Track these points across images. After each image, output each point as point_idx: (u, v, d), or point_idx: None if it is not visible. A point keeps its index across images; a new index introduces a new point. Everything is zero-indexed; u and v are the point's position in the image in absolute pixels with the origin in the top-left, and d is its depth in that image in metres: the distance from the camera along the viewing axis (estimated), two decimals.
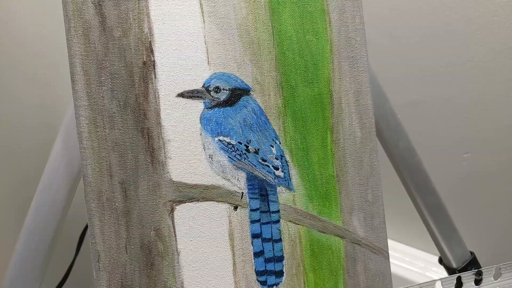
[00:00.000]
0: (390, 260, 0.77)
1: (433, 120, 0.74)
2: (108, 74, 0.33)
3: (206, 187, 0.35)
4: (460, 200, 0.72)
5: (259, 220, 0.36)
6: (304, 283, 0.37)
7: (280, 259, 0.37)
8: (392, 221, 0.81)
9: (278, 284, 0.37)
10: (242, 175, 0.36)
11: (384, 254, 0.40)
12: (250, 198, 0.36)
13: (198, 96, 0.35)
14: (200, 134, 0.35)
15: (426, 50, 0.72)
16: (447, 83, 0.71)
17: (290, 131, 0.37)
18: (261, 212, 0.37)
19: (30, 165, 0.64)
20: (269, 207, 0.37)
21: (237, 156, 0.36)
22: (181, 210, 0.34)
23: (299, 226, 0.37)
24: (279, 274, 0.37)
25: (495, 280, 0.47)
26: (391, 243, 0.81)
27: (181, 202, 0.34)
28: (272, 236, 0.37)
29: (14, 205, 0.66)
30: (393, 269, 0.72)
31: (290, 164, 0.37)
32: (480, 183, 0.71)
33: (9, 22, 0.67)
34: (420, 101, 0.74)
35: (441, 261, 0.49)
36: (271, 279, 0.36)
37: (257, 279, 0.36)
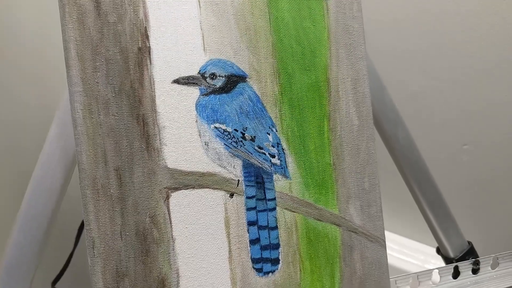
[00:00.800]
0: (390, 252, 0.77)
1: (433, 113, 0.73)
2: (103, 60, 0.33)
3: (202, 174, 0.35)
4: (458, 190, 0.71)
5: (255, 208, 0.36)
6: (300, 270, 0.37)
7: (276, 246, 0.37)
8: (392, 214, 0.81)
9: (274, 271, 0.37)
10: (238, 163, 0.36)
11: (380, 242, 0.40)
12: (246, 185, 0.36)
13: (193, 83, 0.34)
14: (196, 121, 0.35)
15: (426, 43, 0.72)
16: (447, 75, 0.71)
17: (286, 118, 0.37)
18: (257, 199, 0.36)
19: (26, 155, 0.64)
20: (265, 195, 0.37)
21: (233, 143, 0.36)
22: (176, 197, 0.34)
23: (295, 213, 0.37)
24: (275, 261, 0.37)
25: (492, 269, 0.47)
26: (391, 235, 0.81)
27: (176, 189, 0.34)
28: (268, 223, 0.37)
29: (10, 190, 0.66)
30: (393, 261, 0.73)
31: (287, 151, 0.37)
32: (478, 174, 0.70)
33: (7, 17, 0.67)
34: (420, 93, 0.74)
35: (438, 251, 0.49)
36: (267, 267, 0.36)
37: (253, 267, 0.36)
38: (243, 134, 0.36)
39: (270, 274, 0.36)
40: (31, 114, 0.70)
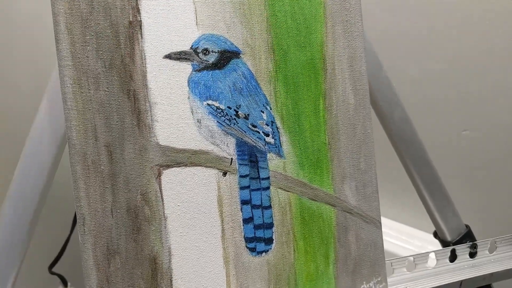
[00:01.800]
0: (387, 238, 0.76)
1: (432, 98, 0.73)
2: (93, 34, 0.32)
3: (194, 152, 0.34)
4: (457, 175, 0.71)
5: (248, 187, 0.36)
6: (294, 250, 0.37)
7: (270, 226, 0.36)
8: (390, 200, 0.80)
9: (268, 251, 0.36)
10: (232, 141, 0.35)
11: (376, 223, 0.39)
12: (240, 164, 0.36)
13: (186, 58, 0.34)
14: (188, 98, 0.34)
15: (426, 26, 0.71)
16: (447, 59, 0.70)
17: (281, 96, 0.36)
18: (251, 178, 0.36)
19: (16, 132, 0.63)
20: (259, 174, 0.36)
21: (226, 121, 0.35)
22: (168, 175, 0.34)
23: (289, 193, 0.37)
24: (269, 241, 0.36)
25: (490, 253, 0.47)
26: (388, 221, 0.81)
27: (168, 166, 0.34)
28: (261, 202, 0.36)
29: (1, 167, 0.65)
30: (389, 247, 0.72)
31: (281, 130, 0.36)
32: (477, 159, 0.70)
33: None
34: (420, 78, 0.73)
35: (436, 234, 0.49)
36: (260, 246, 0.36)
37: (246, 246, 0.36)
38: (237, 111, 0.35)
39: (264, 253, 0.36)
40: (22, 90, 0.69)
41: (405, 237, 0.75)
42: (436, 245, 0.52)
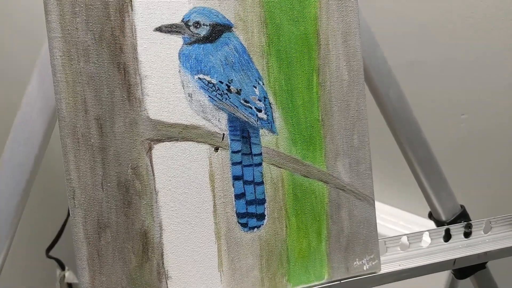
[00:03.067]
0: (383, 223, 0.76)
1: (431, 81, 0.72)
2: (82, 5, 0.32)
3: (186, 127, 0.34)
4: (453, 155, 0.71)
5: (240, 163, 0.36)
6: (286, 227, 0.37)
7: (262, 202, 0.36)
8: (387, 185, 0.80)
9: (260, 226, 0.36)
10: (223, 116, 0.35)
11: (369, 200, 0.39)
12: (232, 140, 0.35)
13: (176, 31, 0.33)
14: (179, 71, 0.34)
15: (425, 10, 0.70)
16: (446, 43, 0.69)
17: (274, 71, 0.36)
18: (243, 154, 0.36)
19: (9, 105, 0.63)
20: (251, 150, 0.36)
21: (218, 96, 0.35)
22: (159, 149, 0.34)
23: (281, 169, 0.36)
24: (261, 217, 0.36)
25: (485, 233, 0.46)
26: (386, 208, 0.81)
27: (159, 141, 0.34)
28: (254, 178, 0.36)
29: None
30: (386, 231, 0.72)
31: (274, 106, 0.36)
32: (475, 141, 0.70)
33: None
34: (418, 61, 0.72)
35: (430, 215, 0.49)
36: (252, 222, 0.36)
37: (238, 221, 0.35)
38: (228, 86, 0.35)
39: (256, 229, 0.36)
40: (13, 65, 0.68)
41: (403, 222, 0.75)
42: None
